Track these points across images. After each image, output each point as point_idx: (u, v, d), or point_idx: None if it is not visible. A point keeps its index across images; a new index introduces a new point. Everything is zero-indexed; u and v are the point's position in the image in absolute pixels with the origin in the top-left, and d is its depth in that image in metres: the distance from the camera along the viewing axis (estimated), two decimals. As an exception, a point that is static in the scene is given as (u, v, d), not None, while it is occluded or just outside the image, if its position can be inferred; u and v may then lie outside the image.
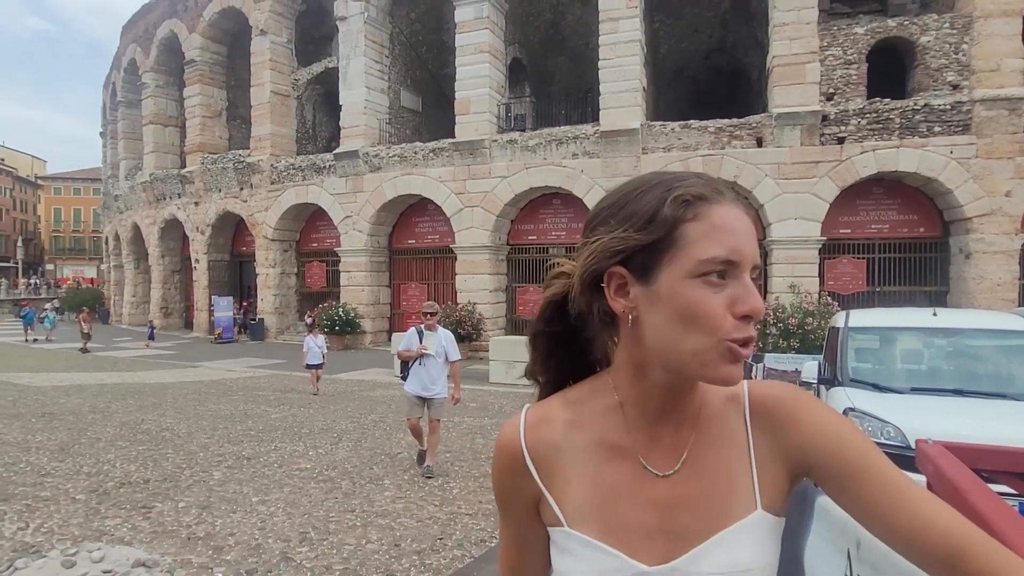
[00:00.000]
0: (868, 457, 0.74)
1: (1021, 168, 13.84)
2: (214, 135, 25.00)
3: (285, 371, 14.91)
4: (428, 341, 6.47)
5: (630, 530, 0.79)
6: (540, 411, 0.88)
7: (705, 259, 0.74)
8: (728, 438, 0.82)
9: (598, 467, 0.83)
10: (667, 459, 0.82)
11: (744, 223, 0.76)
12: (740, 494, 0.79)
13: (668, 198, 0.76)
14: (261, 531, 4.71)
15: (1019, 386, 5.01)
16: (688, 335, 0.74)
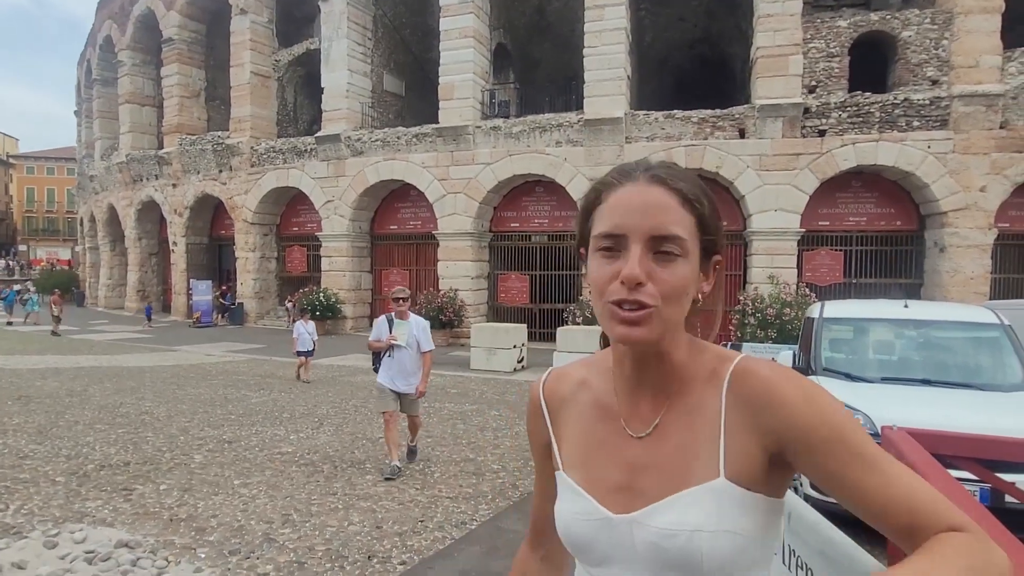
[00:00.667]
0: (842, 430, 0.77)
1: (996, 164, 14.12)
2: (192, 116, 24.59)
3: (265, 356, 14.84)
4: (399, 330, 5.99)
5: (605, 482, 0.90)
6: (561, 370, 1.04)
7: (595, 235, 0.86)
8: (701, 408, 0.87)
9: (591, 423, 0.95)
10: (642, 423, 0.90)
11: (637, 200, 0.84)
12: (703, 461, 0.84)
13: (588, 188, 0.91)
14: (243, 513, 4.74)
15: (984, 377, 5.17)
16: (595, 300, 0.86)
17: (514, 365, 13.07)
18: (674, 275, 0.82)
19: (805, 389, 0.81)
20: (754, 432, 0.82)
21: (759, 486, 0.83)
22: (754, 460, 0.83)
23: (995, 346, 5.43)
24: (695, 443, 0.86)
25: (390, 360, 6.00)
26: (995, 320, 5.57)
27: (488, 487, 5.55)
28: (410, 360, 6.01)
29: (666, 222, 0.82)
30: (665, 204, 0.83)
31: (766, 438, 0.82)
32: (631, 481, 0.88)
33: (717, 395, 0.87)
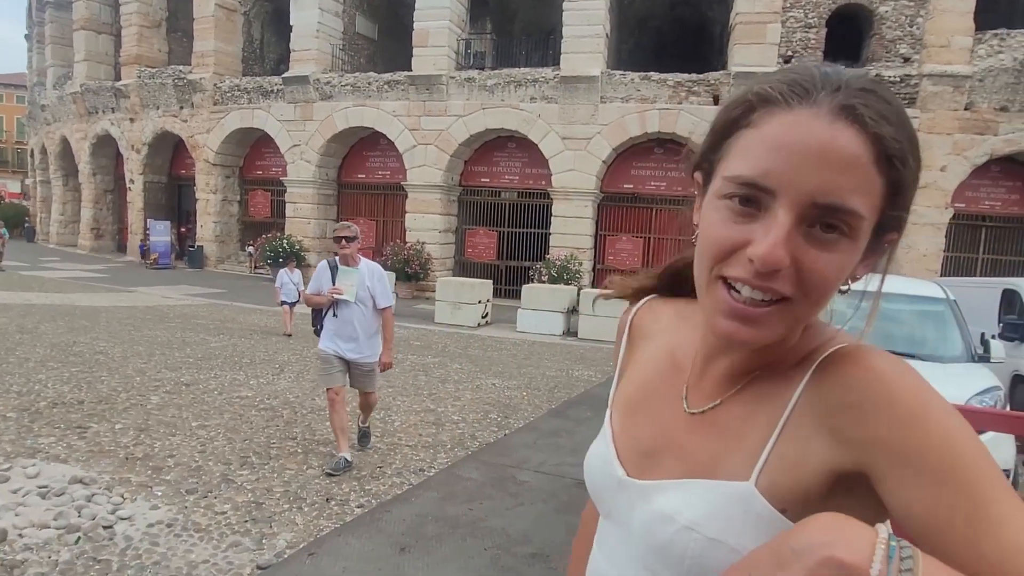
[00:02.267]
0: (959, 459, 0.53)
1: (958, 144, 14.45)
2: (152, 47, 23.46)
3: (225, 301, 14.62)
4: (344, 280, 4.63)
5: (636, 440, 0.77)
6: (657, 304, 0.89)
7: (729, 175, 0.61)
8: (772, 398, 0.66)
9: (654, 374, 0.81)
10: (703, 398, 0.73)
11: (811, 142, 0.56)
12: (739, 457, 0.65)
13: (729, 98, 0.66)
14: (201, 454, 4.74)
15: (928, 348, 5.41)
16: (701, 266, 0.65)
17: (478, 320, 13.14)
18: (831, 265, 0.58)
19: (921, 392, 0.56)
20: (828, 438, 0.59)
21: (805, 514, 0.52)
22: (809, 476, 0.60)
23: (940, 319, 5.66)
24: (744, 433, 0.66)
25: (334, 320, 4.68)
26: (942, 295, 5.80)
27: (447, 437, 5.64)
28: (362, 319, 4.68)
29: (843, 187, 0.56)
30: (851, 158, 0.56)
31: (842, 450, 0.58)
32: (659, 452, 0.74)
33: (798, 380, 0.65)
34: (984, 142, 14.36)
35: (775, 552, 0.48)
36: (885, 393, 0.56)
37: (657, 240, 17.11)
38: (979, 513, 0.51)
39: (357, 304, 4.67)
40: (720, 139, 0.65)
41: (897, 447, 0.54)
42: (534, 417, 6.49)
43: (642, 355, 0.85)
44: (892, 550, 0.45)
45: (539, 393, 7.56)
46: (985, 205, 15.53)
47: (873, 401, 0.57)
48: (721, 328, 0.62)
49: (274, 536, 3.59)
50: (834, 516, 0.49)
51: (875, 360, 0.59)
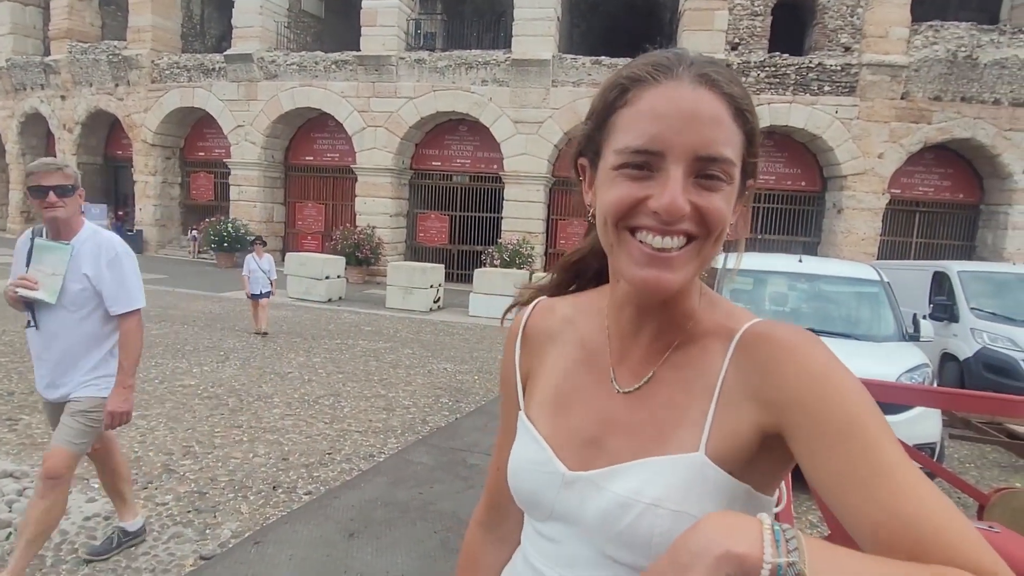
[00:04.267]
0: (861, 419, 0.59)
1: (895, 132, 15.01)
2: (84, 21, 22.29)
3: (167, 287, 14.12)
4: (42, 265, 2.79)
5: (571, 434, 0.77)
6: (549, 303, 0.89)
7: (619, 148, 0.67)
8: (700, 371, 0.72)
9: (572, 367, 0.82)
10: (632, 375, 0.76)
11: (688, 106, 0.65)
12: (686, 429, 0.70)
13: (604, 83, 0.72)
14: (141, 445, 4.59)
15: (863, 328, 5.64)
16: (606, 230, 0.70)
17: (430, 305, 13.06)
18: (721, 203, 0.66)
19: (827, 361, 0.63)
20: (752, 404, 0.67)
21: (745, 473, 0.67)
22: (744, 439, 0.67)
23: (874, 300, 5.90)
24: (684, 406, 0.71)
25: (35, 337, 2.85)
26: (876, 277, 6.04)
27: (398, 422, 5.61)
28: (70, 334, 2.78)
29: (716, 140, 0.65)
30: (716, 115, 0.66)
31: (764, 412, 0.66)
32: (600, 438, 0.75)
33: (722, 354, 0.71)
34: (919, 130, 14.95)
35: (675, 559, 0.53)
36: (798, 360, 0.64)
37: (608, 224, 17.23)
38: (874, 464, 0.57)
39: (64, 308, 2.76)
40: (601, 121, 0.71)
41: (807, 406, 0.62)
42: (485, 401, 6.51)
43: (550, 355, 0.84)
44: (777, 535, 0.51)
45: (491, 377, 7.58)
46: (919, 191, 16.23)
47: (788, 367, 0.64)
48: (641, 277, 0.67)
49: (218, 526, 3.51)
50: (722, 514, 0.54)
51: (789, 333, 0.68)
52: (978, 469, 5.55)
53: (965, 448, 5.87)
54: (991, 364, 7.37)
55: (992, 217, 15.65)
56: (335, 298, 13.60)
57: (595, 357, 0.80)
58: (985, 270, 8.75)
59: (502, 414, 0.92)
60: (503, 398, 0.92)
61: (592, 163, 0.75)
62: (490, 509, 0.97)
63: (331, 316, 11.62)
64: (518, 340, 0.88)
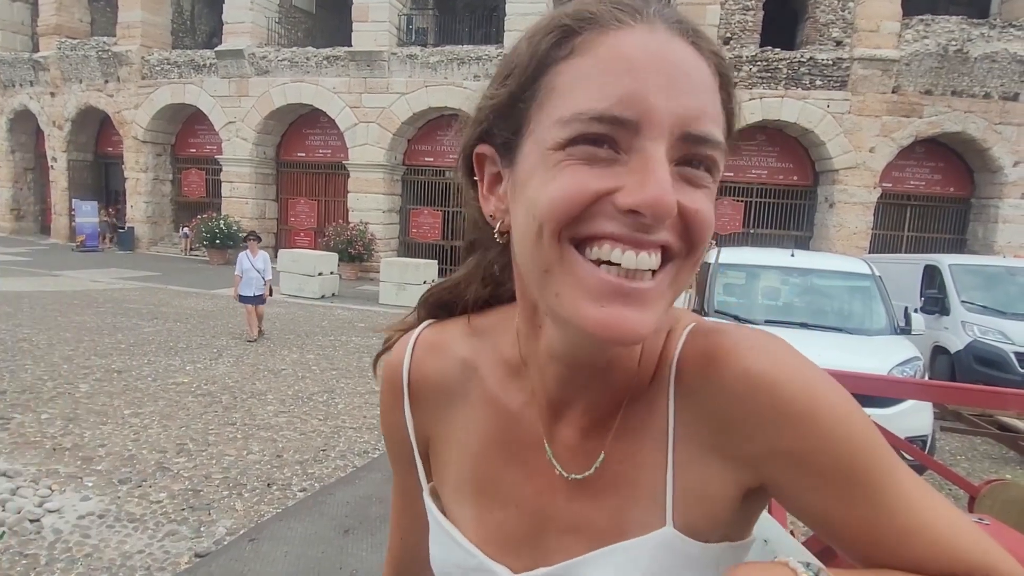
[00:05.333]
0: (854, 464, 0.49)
1: (886, 126, 15.06)
2: (73, 17, 22.10)
3: (159, 284, 14.06)
4: None
5: (504, 527, 0.60)
6: (437, 336, 0.66)
7: (565, 117, 0.45)
8: (647, 426, 0.56)
9: (489, 436, 0.62)
10: (578, 456, 0.58)
11: (665, 56, 0.45)
12: (644, 505, 0.55)
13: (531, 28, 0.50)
14: (135, 443, 4.58)
15: (854, 321, 5.67)
16: (537, 245, 0.47)
17: (423, 301, 13.04)
18: (707, 206, 0.47)
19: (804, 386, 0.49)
20: (720, 460, 0.53)
21: (721, 532, 0.55)
22: (716, 501, 0.54)
23: (866, 294, 5.94)
24: (638, 477, 0.56)
25: None
26: (868, 271, 6.08)
27: (392, 418, 5.61)
28: None
29: (708, 113, 0.46)
30: (705, 80, 0.46)
31: (739, 469, 0.53)
32: (544, 529, 0.59)
33: (664, 400, 0.55)
34: (910, 124, 15.01)
35: None
36: (769, 400, 0.49)
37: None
38: (874, 504, 0.49)
39: None
40: (526, 83, 0.48)
41: (792, 454, 0.49)
42: (480, 396, 6.51)
43: (455, 416, 0.64)
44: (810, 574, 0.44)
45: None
46: (910, 185, 16.30)
47: (759, 412, 0.49)
48: (596, 319, 0.44)
49: (213, 523, 3.51)
50: (747, 567, 0.47)
51: (745, 358, 0.50)
52: (969, 461, 5.60)
53: (956, 440, 5.92)
54: (982, 357, 7.43)
55: (983, 210, 15.73)
56: (328, 294, 13.57)
57: (517, 423, 0.60)
58: (976, 263, 8.82)
59: (394, 472, 0.73)
60: (392, 458, 0.71)
61: (504, 151, 0.52)
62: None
63: (324, 312, 11.60)
64: (405, 398, 0.65)
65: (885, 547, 0.49)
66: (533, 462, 0.59)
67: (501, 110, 0.51)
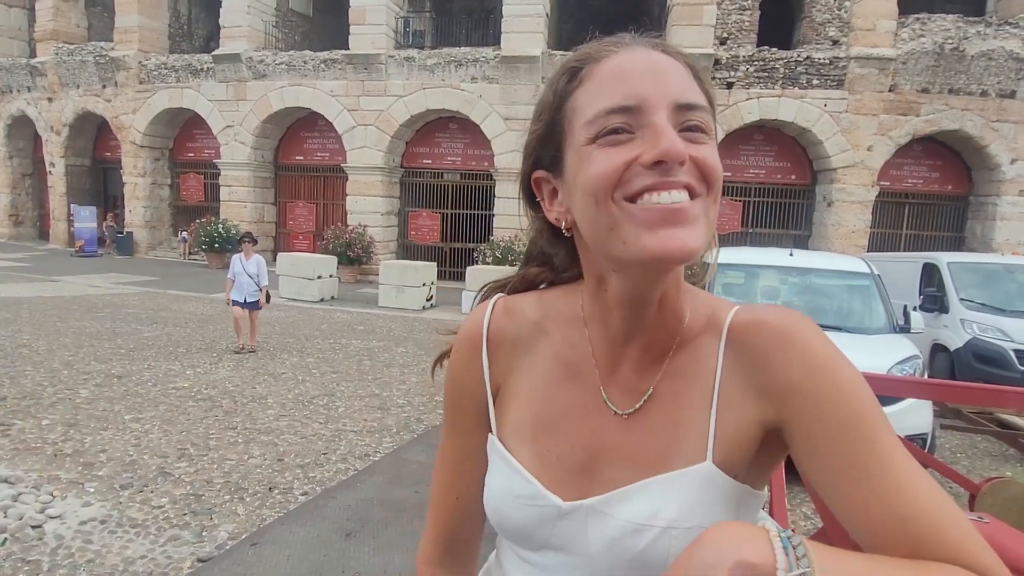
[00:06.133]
0: (855, 414, 0.57)
1: (884, 125, 15.08)
2: (70, 22, 22.10)
3: (158, 289, 14.06)
4: None
5: (561, 461, 0.70)
6: (512, 302, 0.77)
7: (589, 118, 0.61)
8: (695, 375, 0.67)
9: (551, 381, 0.73)
10: (628, 394, 0.70)
11: (652, 62, 0.62)
12: (689, 441, 0.66)
13: (555, 75, 0.67)
14: (136, 448, 4.58)
15: (854, 320, 5.68)
16: (599, 213, 0.61)
17: (423, 303, 13.06)
18: (711, 153, 0.61)
19: (826, 348, 0.61)
20: (753, 398, 0.64)
21: (745, 474, 0.65)
22: (747, 439, 0.64)
23: (865, 293, 5.95)
24: (685, 418, 0.67)
25: None
26: (867, 270, 6.09)
27: (393, 421, 5.61)
28: None
29: (690, 88, 0.62)
30: (681, 70, 0.63)
31: (764, 404, 0.63)
32: (595, 462, 0.69)
33: (715, 352, 0.67)
34: (907, 122, 15.03)
35: (686, 573, 0.50)
36: (796, 347, 0.61)
37: (600, 220, 17.33)
38: (874, 459, 0.56)
39: None
40: (556, 113, 0.66)
41: (808, 395, 0.59)
42: (480, 398, 6.51)
43: (521, 368, 0.74)
44: (785, 542, 0.50)
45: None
46: (908, 183, 16.32)
47: (785, 354, 0.61)
48: (659, 242, 0.57)
49: (215, 528, 3.51)
50: (727, 525, 0.52)
51: (782, 316, 0.64)
52: (969, 459, 5.61)
53: (956, 438, 5.93)
54: (981, 354, 7.44)
55: (981, 208, 15.75)
56: (327, 297, 13.57)
57: (578, 372, 0.72)
58: (974, 261, 8.82)
59: (452, 434, 0.80)
60: (456, 416, 0.79)
61: (554, 169, 0.68)
62: (447, 547, 0.82)
63: (324, 316, 11.60)
64: (484, 351, 0.75)
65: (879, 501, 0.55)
66: (590, 404, 0.71)
67: (543, 139, 0.68)
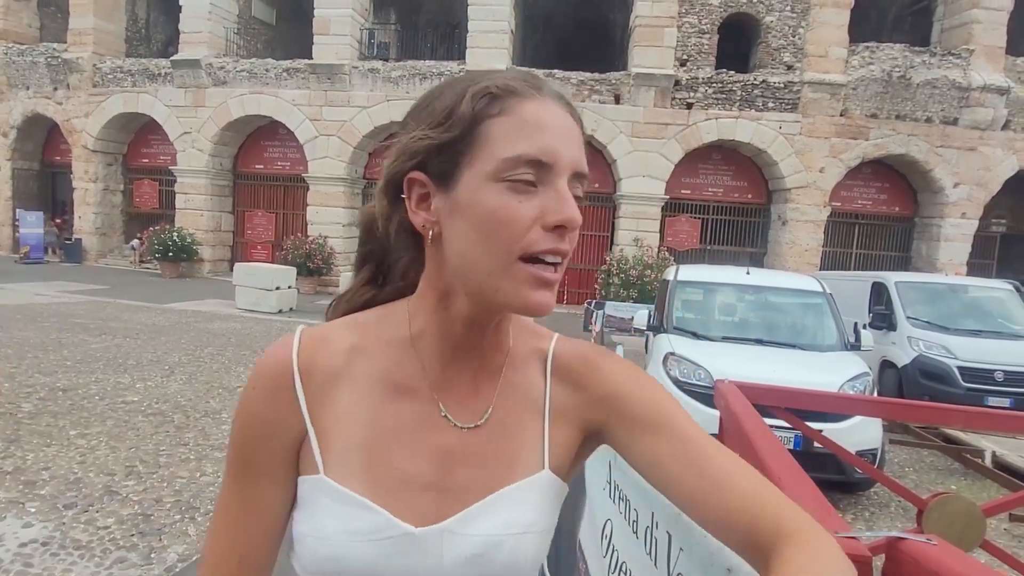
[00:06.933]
0: (665, 411, 0.69)
1: (835, 148, 15.63)
2: (21, 22, 21.41)
3: (108, 298, 13.62)
4: None
5: (402, 484, 0.68)
6: (318, 332, 0.73)
7: (509, 157, 0.63)
8: (527, 391, 0.74)
9: (379, 406, 0.70)
10: (470, 409, 0.72)
11: (564, 123, 0.66)
12: (529, 451, 0.72)
13: (467, 92, 0.66)
14: (81, 465, 4.41)
15: (807, 338, 5.84)
16: (486, 250, 0.64)
17: (384, 316, 12.92)
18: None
19: (627, 364, 0.75)
20: (576, 411, 0.74)
21: (568, 476, 0.75)
22: (572, 449, 0.75)
23: (818, 311, 6.13)
24: (523, 431, 0.73)
25: None
26: (819, 288, 6.28)
27: (352, 436, 5.52)
28: None
29: (584, 159, 0.67)
30: (579, 135, 0.67)
31: (586, 416, 0.73)
32: (444, 478, 0.69)
33: (542, 373, 0.76)
34: (857, 146, 15.61)
35: None
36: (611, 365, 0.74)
37: (562, 235, 17.51)
38: (694, 449, 0.66)
39: None
40: (468, 131, 0.65)
41: (627, 396, 0.71)
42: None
43: (341, 398, 0.70)
44: None
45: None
46: (858, 204, 16.92)
47: (606, 370, 0.74)
48: (535, 302, 0.64)
49: (164, 549, 3.39)
50: None
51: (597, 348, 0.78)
52: (916, 473, 5.80)
53: (904, 452, 6.12)
54: (927, 371, 7.72)
55: (926, 229, 16.41)
56: (286, 309, 13.34)
57: (409, 390, 0.71)
58: (921, 281, 9.17)
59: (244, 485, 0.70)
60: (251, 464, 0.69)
61: (441, 180, 0.66)
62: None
63: (282, 327, 11.38)
64: (295, 380, 0.69)
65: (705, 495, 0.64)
66: (428, 420, 0.70)
67: (441, 148, 0.66)
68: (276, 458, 0.69)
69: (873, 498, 5.10)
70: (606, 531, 1.37)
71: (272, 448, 0.69)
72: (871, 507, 4.92)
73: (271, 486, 0.69)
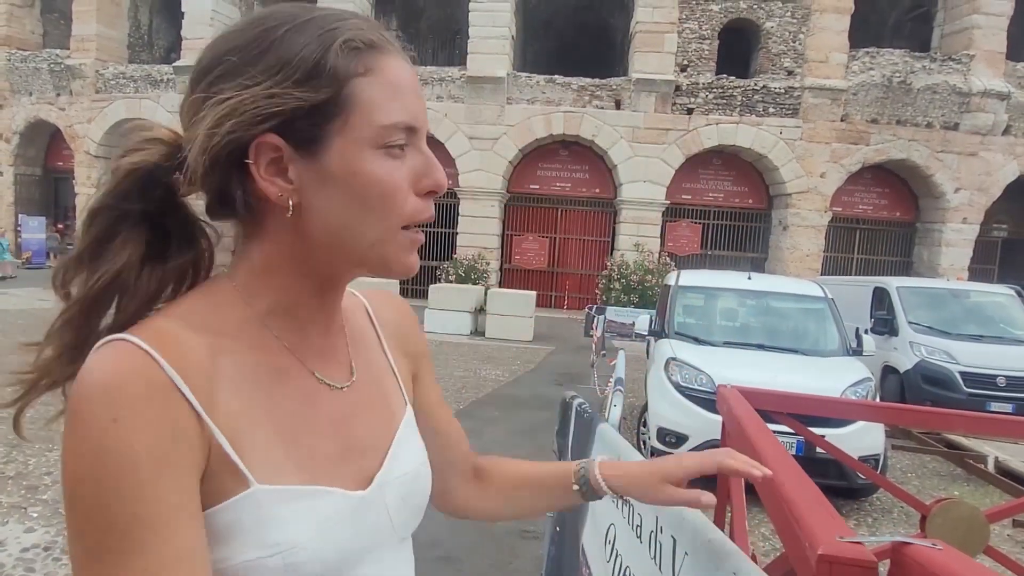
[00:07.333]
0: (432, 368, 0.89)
1: (836, 153, 15.65)
2: (24, 28, 21.51)
3: (110, 303, 13.60)
4: None
5: (326, 459, 0.63)
6: (174, 335, 0.57)
7: (388, 125, 0.60)
8: (365, 340, 0.77)
9: (266, 397, 0.62)
10: (339, 369, 0.70)
11: (416, 80, 0.66)
12: (394, 393, 0.77)
13: (333, 43, 0.59)
14: None
15: (808, 343, 5.84)
16: (370, 220, 0.62)
17: (385, 321, 12.90)
18: None
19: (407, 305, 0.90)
20: (405, 357, 0.82)
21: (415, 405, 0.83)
22: (411, 382, 0.83)
23: (819, 316, 6.12)
24: (382, 376, 0.77)
25: None
26: (821, 293, 6.27)
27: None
28: None
29: None
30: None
31: (411, 363, 0.84)
32: (346, 442, 0.66)
33: (369, 324, 0.80)
34: (858, 151, 15.63)
35: None
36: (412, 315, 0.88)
37: (562, 240, 17.52)
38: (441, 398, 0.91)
39: None
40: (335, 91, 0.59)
41: (426, 356, 0.87)
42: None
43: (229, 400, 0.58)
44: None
45: (447, 394, 7.54)
46: (859, 209, 16.93)
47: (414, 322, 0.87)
48: (413, 263, 0.67)
49: None
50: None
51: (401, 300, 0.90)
52: (919, 478, 5.78)
53: (906, 458, 6.10)
54: (929, 376, 7.70)
55: (927, 234, 16.42)
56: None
57: (280, 369, 0.64)
58: (922, 286, 9.17)
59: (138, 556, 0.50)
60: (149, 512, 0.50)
61: (302, 144, 0.59)
62: None
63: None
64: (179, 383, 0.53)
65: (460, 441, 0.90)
66: (311, 391, 0.66)
67: (309, 112, 0.59)
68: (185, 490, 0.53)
69: (876, 504, 5.08)
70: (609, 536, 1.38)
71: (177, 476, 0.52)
72: (874, 513, 4.91)
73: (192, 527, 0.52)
